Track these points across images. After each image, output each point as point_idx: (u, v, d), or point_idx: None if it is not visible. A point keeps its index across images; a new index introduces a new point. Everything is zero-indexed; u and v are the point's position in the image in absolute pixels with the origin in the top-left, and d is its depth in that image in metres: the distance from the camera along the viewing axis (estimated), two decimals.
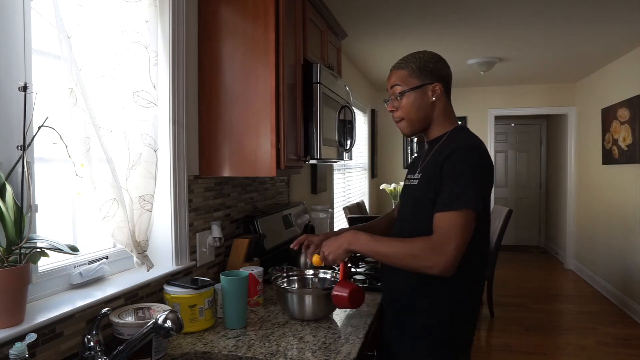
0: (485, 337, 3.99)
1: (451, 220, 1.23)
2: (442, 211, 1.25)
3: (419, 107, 1.40)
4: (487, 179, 1.31)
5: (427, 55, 1.42)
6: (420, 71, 1.39)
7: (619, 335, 3.96)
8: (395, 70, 1.44)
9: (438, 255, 1.21)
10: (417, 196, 1.39)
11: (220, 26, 1.72)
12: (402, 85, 1.40)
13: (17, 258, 1.01)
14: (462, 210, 1.23)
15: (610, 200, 4.94)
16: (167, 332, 1.04)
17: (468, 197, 1.24)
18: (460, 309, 1.36)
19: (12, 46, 1.08)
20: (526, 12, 3.28)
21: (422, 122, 1.43)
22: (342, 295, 1.42)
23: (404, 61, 1.42)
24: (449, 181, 1.27)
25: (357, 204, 4.68)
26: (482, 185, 1.28)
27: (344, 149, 2.29)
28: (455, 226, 1.22)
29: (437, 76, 1.40)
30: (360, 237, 1.35)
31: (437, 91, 1.39)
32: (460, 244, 1.22)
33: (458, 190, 1.25)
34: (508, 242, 7.50)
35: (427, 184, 1.34)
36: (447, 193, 1.26)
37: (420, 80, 1.39)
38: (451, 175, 1.27)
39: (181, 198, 1.64)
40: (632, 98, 4.34)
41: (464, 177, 1.26)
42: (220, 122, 1.73)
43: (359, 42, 4.02)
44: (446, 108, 1.43)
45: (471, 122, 6.38)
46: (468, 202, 1.24)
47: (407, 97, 1.40)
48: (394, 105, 1.43)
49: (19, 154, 1.04)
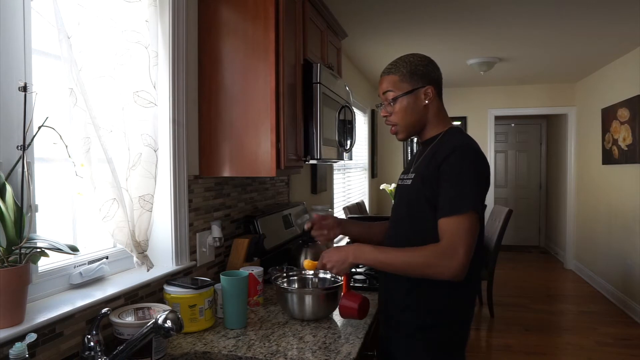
0: (485, 337, 3.99)
1: (458, 225, 1.23)
2: (447, 216, 1.25)
3: (413, 111, 1.40)
4: (486, 180, 1.32)
5: (417, 59, 1.41)
6: (411, 75, 1.38)
7: (619, 335, 3.96)
8: (385, 76, 1.43)
9: (449, 260, 1.21)
10: (411, 196, 1.39)
11: (220, 26, 1.72)
12: (394, 90, 1.40)
13: (17, 258, 1.01)
14: (466, 214, 1.24)
15: (610, 200, 4.94)
16: (167, 332, 1.04)
17: (470, 199, 1.25)
18: (455, 309, 1.36)
19: (12, 46, 1.08)
20: (526, 12, 3.28)
21: (416, 126, 1.43)
22: (352, 307, 1.42)
23: (394, 66, 1.41)
24: (448, 183, 1.27)
25: (357, 204, 4.68)
26: (481, 186, 1.29)
27: (344, 149, 2.29)
28: (462, 230, 1.23)
29: (428, 79, 1.39)
30: (364, 250, 1.34)
31: (429, 94, 1.39)
32: (469, 247, 1.23)
33: (460, 192, 1.25)
34: (508, 242, 7.50)
35: (422, 184, 1.34)
36: (448, 196, 1.26)
37: (412, 85, 1.38)
38: (451, 176, 1.27)
39: (181, 198, 1.64)
40: (632, 98, 4.34)
41: (464, 178, 1.26)
42: (220, 122, 1.73)
43: (359, 42, 4.02)
44: (439, 110, 1.43)
45: (471, 122, 6.39)
46: (470, 205, 1.24)
47: (400, 102, 1.40)
48: (387, 111, 1.43)
49: (19, 154, 1.04)
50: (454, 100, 6.35)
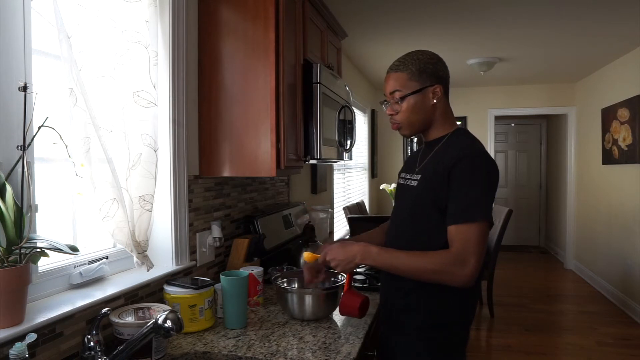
0: (485, 337, 3.99)
1: (469, 233, 1.22)
2: (459, 223, 1.24)
3: (420, 110, 1.37)
4: (495, 187, 1.31)
5: (426, 56, 1.38)
6: (420, 74, 1.35)
7: (619, 335, 3.96)
8: (393, 73, 1.39)
9: (460, 269, 1.21)
10: (416, 199, 1.37)
11: (220, 26, 1.72)
12: (402, 89, 1.36)
13: (17, 258, 1.01)
14: (478, 222, 1.23)
15: (610, 200, 4.94)
16: (167, 332, 1.04)
17: (482, 208, 1.24)
18: (456, 310, 1.35)
19: (12, 46, 1.08)
20: (526, 12, 3.28)
21: (422, 125, 1.41)
22: (354, 306, 1.41)
23: (402, 63, 1.37)
24: (460, 189, 1.26)
25: (357, 204, 4.68)
26: (492, 195, 1.28)
27: (344, 149, 2.29)
28: (473, 239, 1.22)
29: (437, 77, 1.36)
30: (371, 251, 1.31)
31: (437, 93, 1.37)
32: (480, 256, 1.22)
33: (472, 200, 1.24)
34: (508, 242, 7.50)
35: (429, 187, 1.33)
36: (460, 203, 1.25)
37: (420, 83, 1.35)
38: (464, 183, 1.26)
39: (181, 198, 1.64)
40: (632, 98, 4.34)
41: (476, 186, 1.25)
42: (220, 122, 1.73)
43: (359, 42, 4.02)
44: (446, 109, 1.41)
45: (471, 122, 6.38)
46: (483, 214, 1.24)
47: (408, 101, 1.36)
48: (393, 109, 1.40)
49: (19, 154, 1.04)
50: (454, 100, 6.27)
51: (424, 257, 1.27)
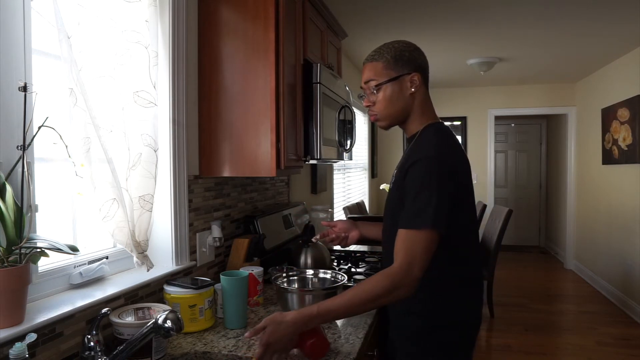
0: (485, 337, 3.98)
1: (414, 241, 1.17)
2: (406, 228, 1.19)
3: (398, 100, 1.32)
4: (452, 189, 1.22)
5: (402, 44, 1.34)
6: (396, 62, 1.30)
7: (619, 335, 3.96)
8: (368, 63, 1.34)
9: (406, 278, 1.15)
10: (392, 199, 1.34)
11: (220, 26, 1.72)
12: (377, 78, 1.32)
13: (17, 258, 1.01)
14: (424, 230, 1.17)
15: (610, 200, 4.94)
16: (167, 332, 1.04)
17: (430, 215, 1.17)
18: (457, 311, 1.33)
19: (12, 46, 1.08)
20: (526, 12, 3.28)
21: (400, 115, 1.35)
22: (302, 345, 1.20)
23: (378, 52, 1.33)
24: (410, 193, 1.21)
25: (357, 204, 4.68)
26: (445, 201, 1.19)
27: (344, 149, 2.29)
28: (419, 248, 1.17)
29: (414, 65, 1.32)
30: (311, 314, 1.15)
31: (415, 81, 1.31)
32: (425, 264, 1.17)
33: (421, 206, 1.18)
34: (508, 242, 7.50)
35: (398, 186, 1.29)
36: (409, 208, 1.20)
37: (396, 72, 1.30)
38: (414, 187, 1.21)
39: (181, 198, 1.64)
40: (632, 98, 4.34)
41: (427, 191, 1.19)
42: (220, 122, 1.73)
43: (359, 42, 4.02)
44: (425, 100, 1.36)
45: (471, 122, 6.39)
46: (430, 221, 1.17)
47: (384, 90, 1.31)
48: (370, 100, 1.35)
49: (19, 154, 1.04)
50: (454, 100, 6.35)
51: (365, 285, 1.17)
